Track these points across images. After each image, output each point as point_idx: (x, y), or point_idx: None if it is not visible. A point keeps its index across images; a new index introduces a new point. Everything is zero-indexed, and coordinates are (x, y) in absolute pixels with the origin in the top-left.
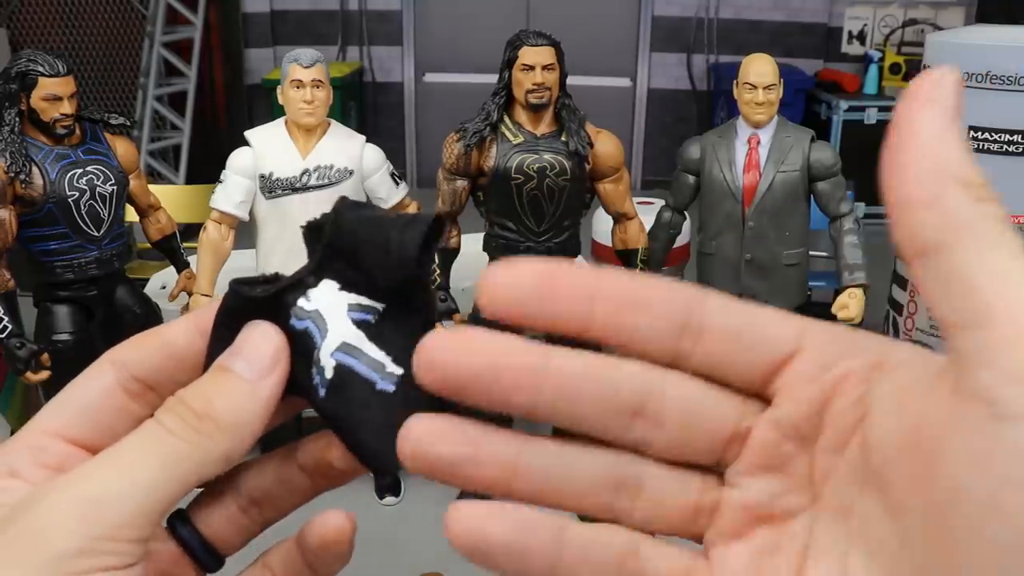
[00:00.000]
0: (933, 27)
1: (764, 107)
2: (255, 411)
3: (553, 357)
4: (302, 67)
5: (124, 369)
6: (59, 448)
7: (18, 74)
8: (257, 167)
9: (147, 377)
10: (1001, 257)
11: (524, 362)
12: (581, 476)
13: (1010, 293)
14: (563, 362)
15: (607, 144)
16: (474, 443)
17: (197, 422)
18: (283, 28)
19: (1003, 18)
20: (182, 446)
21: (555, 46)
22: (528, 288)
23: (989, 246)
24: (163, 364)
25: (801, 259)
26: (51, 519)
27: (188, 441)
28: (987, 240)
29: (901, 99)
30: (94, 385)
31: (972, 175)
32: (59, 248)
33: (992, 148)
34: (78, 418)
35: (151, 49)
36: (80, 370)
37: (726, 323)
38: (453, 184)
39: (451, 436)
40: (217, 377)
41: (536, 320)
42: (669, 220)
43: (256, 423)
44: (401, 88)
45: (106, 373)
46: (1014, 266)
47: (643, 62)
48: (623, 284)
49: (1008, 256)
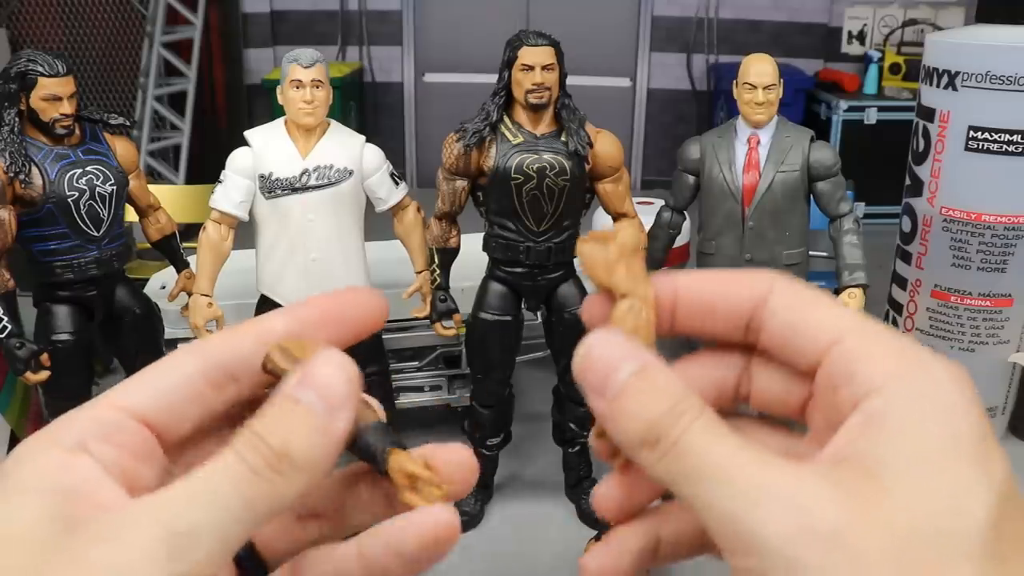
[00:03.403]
0: (933, 27)
1: (764, 107)
2: (328, 450)
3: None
4: (302, 67)
5: (210, 357)
6: (129, 425)
7: (18, 74)
8: (257, 167)
9: (235, 366)
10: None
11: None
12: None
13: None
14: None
15: (607, 144)
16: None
17: (276, 462)
18: (283, 28)
19: (1003, 18)
20: (264, 486)
21: (555, 46)
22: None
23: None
24: (254, 351)
25: (801, 259)
26: (140, 550)
27: (269, 481)
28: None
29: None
30: (175, 369)
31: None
32: (59, 248)
33: (992, 148)
34: (153, 399)
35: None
36: (80, 371)
37: (775, 324)
38: (453, 184)
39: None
40: (290, 412)
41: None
42: (669, 220)
43: (329, 460)
44: (401, 88)
45: (188, 360)
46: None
47: (643, 62)
48: (699, 290)
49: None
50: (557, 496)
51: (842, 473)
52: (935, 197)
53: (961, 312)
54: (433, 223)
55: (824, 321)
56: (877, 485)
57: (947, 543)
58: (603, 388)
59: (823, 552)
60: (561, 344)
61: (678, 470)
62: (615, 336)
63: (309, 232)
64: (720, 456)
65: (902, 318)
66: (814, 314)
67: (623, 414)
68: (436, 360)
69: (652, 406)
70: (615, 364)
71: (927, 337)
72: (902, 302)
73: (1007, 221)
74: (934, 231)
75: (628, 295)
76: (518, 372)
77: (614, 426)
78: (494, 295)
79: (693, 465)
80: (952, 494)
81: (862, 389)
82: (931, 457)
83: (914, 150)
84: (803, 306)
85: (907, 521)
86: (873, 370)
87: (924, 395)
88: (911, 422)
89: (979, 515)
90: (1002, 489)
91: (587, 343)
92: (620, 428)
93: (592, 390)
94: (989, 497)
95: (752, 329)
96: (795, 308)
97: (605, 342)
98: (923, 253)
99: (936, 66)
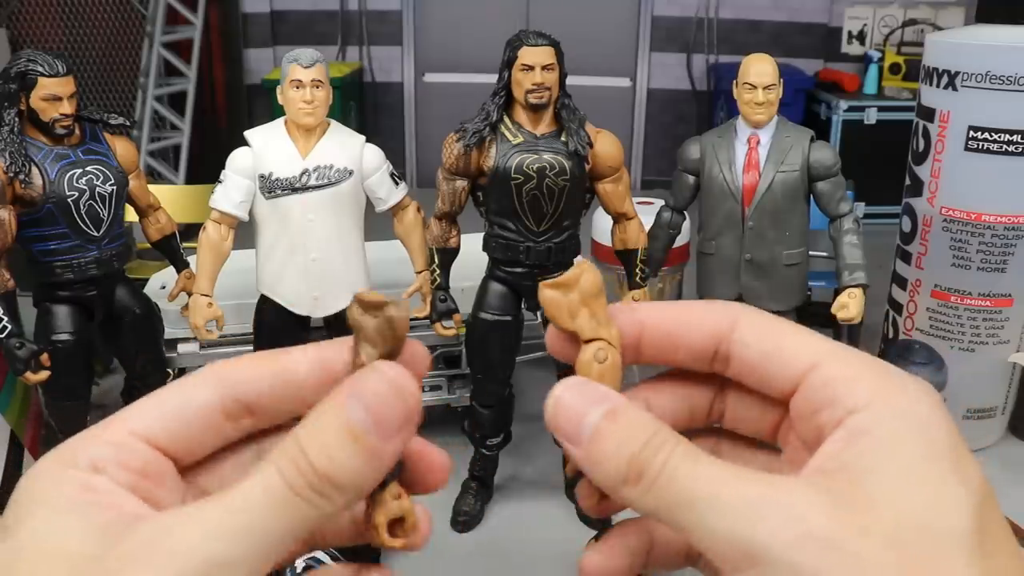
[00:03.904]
0: (933, 27)
1: (764, 107)
2: (373, 477)
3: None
4: (302, 67)
5: (231, 389)
6: (143, 451)
7: (18, 74)
8: (257, 167)
9: (253, 401)
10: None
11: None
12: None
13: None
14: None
15: (607, 144)
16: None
17: (319, 484)
18: (283, 28)
19: (1003, 18)
20: (306, 510)
21: (555, 46)
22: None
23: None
24: (275, 390)
25: (801, 259)
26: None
27: (311, 504)
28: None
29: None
30: (194, 398)
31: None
32: (59, 248)
33: (992, 148)
34: (169, 426)
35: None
36: (80, 371)
37: (748, 354)
38: (453, 184)
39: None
40: (340, 431)
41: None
42: (669, 220)
43: (370, 487)
44: (401, 88)
45: (209, 388)
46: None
47: (643, 62)
48: (663, 323)
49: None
50: (557, 496)
51: (829, 483)
52: (935, 197)
53: (961, 312)
54: (433, 223)
55: (797, 348)
56: (864, 492)
57: (938, 540)
58: (577, 435)
59: (822, 555)
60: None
61: (667, 500)
62: (581, 383)
63: (309, 232)
64: (707, 479)
65: (902, 318)
66: (786, 341)
67: (601, 455)
68: (436, 360)
69: (629, 443)
70: (584, 410)
71: (927, 337)
72: (902, 302)
73: (1007, 221)
74: (934, 231)
75: (592, 339)
76: (518, 372)
77: (594, 469)
78: (494, 295)
79: (681, 491)
80: (936, 497)
81: (844, 409)
82: (912, 466)
83: (914, 150)
84: (773, 335)
85: (896, 522)
86: (854, 392)
87: (902, 412)
88: (892, 436)
89: (963, 514)
90: (980, 491)
91: (554, 394)
92: (600, 470)
93: (567, 438)
94: (970, 499)
95: (719, 359)
96: (765, 338)
97: (572, 390)
98: (923, 253)
99: (936, 66)
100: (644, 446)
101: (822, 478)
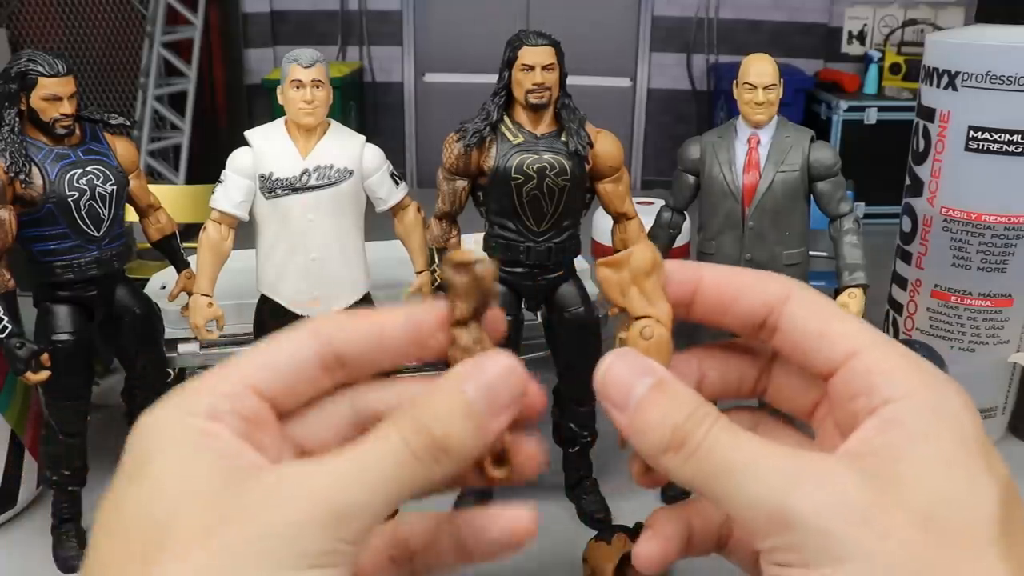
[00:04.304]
0: (933, 27)
1: (764, 107)
2: (477, 448)
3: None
4: (302, 67)
5: (328, 344)
6: (252, 401)
7: (18, 74)
8: (257, 167)
9: (347, 354)
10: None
11: None
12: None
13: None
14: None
15: (607, 144)
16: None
17: (435, 450)
18: (283, 28)
19: (1003, 18)
20: (421, 470)
21: (555, 46)
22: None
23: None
24: (368, 345)
25: (801, 259)
26: (304, 520)
27: (426, 467)
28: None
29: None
30: (297, 352)
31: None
32: (59, 248)
33: (992, 148)
34: (277, 379)
35: (151, 49)
36: (80, 370)
37: (796, 328)
38: (453, 184)
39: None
40: (454, 402)
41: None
42: (669, 220)
43: (479, 454)
44: (401, 88)
45: (309, 343)
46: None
47: (643, 62)
48: (720, 285)
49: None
50: (557, 496)
51: (861, 464)
52: (935, 197)
53: (961, 312)
54: (433, 223)
55: (844, 333)
56: (894, 474)
57: (966, 523)
58: (624, 403)
59: (852, 525)
60: (561, 344)
61: (706, 469)
62: (631, 355)
63: (309, 232)
64: (747, 450)
65: (902, 318)
66: (833, 325)
67: (646, 424)
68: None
69: (673, 414)
70: (632, 380)
71: (927, 337)
72: (902, 302)
73: (1007, 221)
74: (934, 231)
75: (641, 316)
76: None
77: (638, 436)
78: None
79: (721, 461)
80: (966, 484)
81: (880, 399)
82: (943, 455)
83: (914, 150)
84: (822, 316)
85: (926, 503)
86: (891, 383)
87: (935, 406)
88: (924, 427)
89: (992, 502)
90: (1007, 484)
91: (604, 363)
92: (644, 438)
93: (614, 406)
94: (998, 489)
95: (768, 328)
96: (815, 317)
97: (621, 361)
98: (923, 253)
99: (936, 66)
100: (688, 417)
101: (855, 459)
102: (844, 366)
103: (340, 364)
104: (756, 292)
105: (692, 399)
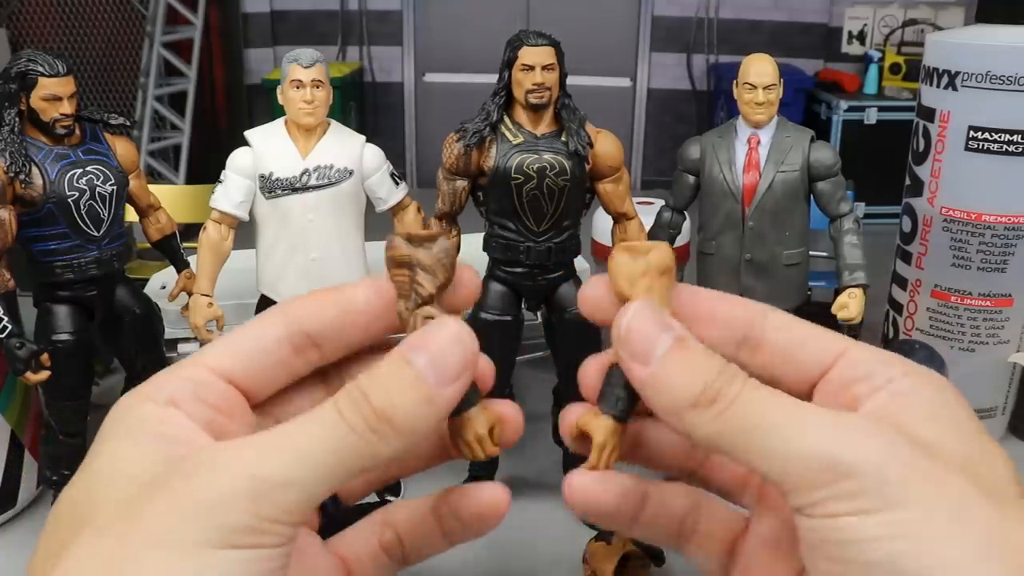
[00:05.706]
0: (933, 27)
1: (764, 107)
2: (429, 421)
3: None
4: (302, 67)
5: (296, 323)
6: (219, 387)
7: (18, 74)
8: (257, 167)
9: (317, 332)
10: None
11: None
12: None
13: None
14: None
15: (607, 144)
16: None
17: (376, 422)
18: (283, 28)
19: (1003, 18)
20: (358, 444)
21: (555, 46)
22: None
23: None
24: (336, 320)
25: (801, 259)
26: (225, 492)
27: (364, 440)
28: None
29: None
30: (264, 334)
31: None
32: (59, 248)
33: (992, 148)
34: (243, 363)
35: (151, 49)
36: (80, 371)
37: (781, 338)
38: (453, 184)
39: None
40: (399, 373)
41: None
42: (669, 220)
43: (429, 428)
44: (401, 88)
45: (278, 325)
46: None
47: (643, 62)
48: (697, 299)
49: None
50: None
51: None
52: (935, 197)
53: (961, 312)
54: (433, 223)
55: (826, 338)
56: (920, 436)
57: (996, 479)
58: (647, 355)
59: (913, 471)
60: (561, 344)
61: (738, 424)
62: (655, 309)
63: (309, 232)
64: (784, 405)
65: (902, 318)
66: (815, 333)
67: (673, 377)
68: None
69: (705, 370)
70: (656, 332)
71: (927, 337)
72: (902, 302)
73: (1007, 221)
74: (934, 231)
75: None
76: (518, 372)
77: (659, 389)
78: (494, 295)
79: (757, 416)
80: (980, 448)
81: (882, 379)
82: (956, 422)
83: (914, 150)
84: (801, 327)
85: (951, 456)
86: (889, 368)
87: (937, 384)
88: (931, 397)
89: (1008, 465)
90: (1008, 459)
91: (625, 313)
92: (666, 392)
93: (635, 357)
94: (1005, 456)
95: (749, 343)
96: (795, 327)
97: (644, 312)
98: (923, 253)
99: (936, 66)
100: (719, 374)
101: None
102: (837, 363)
103: (313, 344)
104: (736, 307)
105: (718, 357)
